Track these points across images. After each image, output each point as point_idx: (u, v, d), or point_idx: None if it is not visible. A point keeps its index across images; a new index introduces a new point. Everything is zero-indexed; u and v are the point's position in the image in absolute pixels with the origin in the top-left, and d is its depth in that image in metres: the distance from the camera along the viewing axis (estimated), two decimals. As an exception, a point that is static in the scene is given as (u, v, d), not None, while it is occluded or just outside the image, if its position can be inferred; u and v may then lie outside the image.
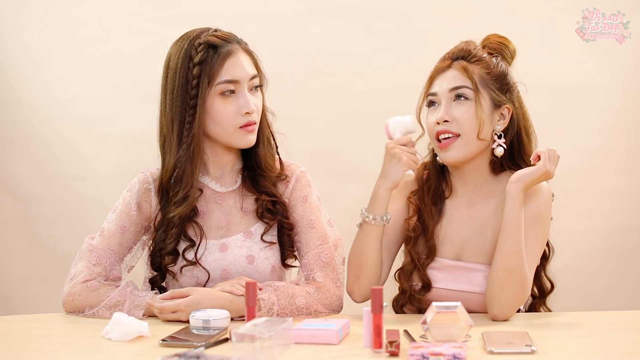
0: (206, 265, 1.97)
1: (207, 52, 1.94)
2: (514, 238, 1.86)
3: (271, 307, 1.87)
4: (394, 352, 1.51)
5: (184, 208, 1.95)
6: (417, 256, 2.00)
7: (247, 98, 1.95)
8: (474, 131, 1.94)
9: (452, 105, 1.95)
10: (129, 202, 2.02)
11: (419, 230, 2.00)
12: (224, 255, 1.98)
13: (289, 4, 2.93)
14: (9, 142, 3.00)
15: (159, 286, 2.03)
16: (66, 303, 1.96)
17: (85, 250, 2.01)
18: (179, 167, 1.95)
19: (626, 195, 2.88)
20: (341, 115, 2.92)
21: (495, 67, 1.98)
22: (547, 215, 1.96)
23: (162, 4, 2.96)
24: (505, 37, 2.05)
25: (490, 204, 2.00)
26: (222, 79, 1.93)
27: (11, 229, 3.01)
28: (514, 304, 1.86)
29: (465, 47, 2.00)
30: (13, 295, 3.02)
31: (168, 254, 1.96)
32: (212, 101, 1.94)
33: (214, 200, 2.03)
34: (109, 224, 2.02)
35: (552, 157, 1.90)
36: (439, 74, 1.99)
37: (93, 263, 1.98)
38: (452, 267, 1.98)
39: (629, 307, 2.71)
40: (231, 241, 2.00)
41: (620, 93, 2.86)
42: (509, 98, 1.99)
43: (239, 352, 1.43)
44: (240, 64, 1.96)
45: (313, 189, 2.08)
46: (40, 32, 2.99)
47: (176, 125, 1.95)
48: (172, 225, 1.96)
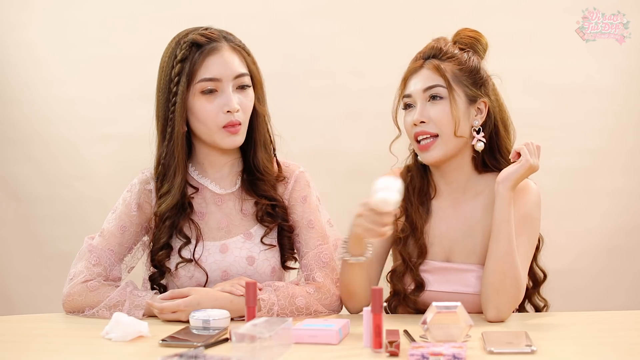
0: (206, 266, 1.97)
1: (190, 50, 1.94)
2: (505, 239, 1.86)
3: (271, 307, 1.87)
4: (394, 352, 1.51)
5: (169, 201, 1.96)
6: (408, 256, 1.99)
7: (229, 96, 1.93)
8: (451, 129, 1.94)
9: (427, 105, 1.96)
10: (129, 202, 2.03)
11: (408, 230, 2.00)
12: (224, 257, 1.98)
13: (289, 4, 2.93)
14: (9, 142, 3.00)
15: (159, 284, 2.03)
16: (66, 303, 1.96)
17: (84, 250, 2.02)
18: (162, 163, 1.98)
19: (626, 195, 2.88)
20: (341, 115, 2.92)
21: (467, 62, 1.98)
22: (537, 216, 1.96)
23: (162, 4, 2.96)
24: (477, 31, 2.04)
25: (477, 204, 2.00)
26: (201, 77, 1.93)
27: (11, 229, 3.01)
28: (509, 306, 1.86)
29: (436, 45, 2.00)
30: (13, 295, 3.02)
31: (160, 249, 1.97)
32: (194, 100, 1.94)
33: (213, 202, 2.03)
34: (109, 225, 2.02)
35: (531, 150, 1.89)
36: (412, 75, 1.99)
37: (93, 263, 1.98)
38: (443, 269, 1.98)
39: (629, 307, 2.71)
40: (231, 243, 2.00)
41: (620, 93, 2.86)
42: (484, 92, 1.99)
43: (239, 352, 1.43)
44: (223, 62, 1.94)
45: (312, 189, 2.08)
46: (40, 32, 2.98)
47: (160, 123, 1.99)
48: (162, 219, 1.97)
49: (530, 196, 1.96)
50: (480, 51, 2.03)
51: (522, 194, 1.94)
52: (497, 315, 1.85)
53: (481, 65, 2.01)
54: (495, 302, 1.85)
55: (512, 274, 1.85)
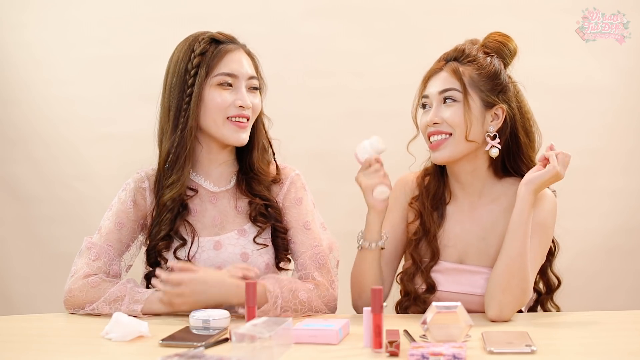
0: (199, 263, 1.99)
1: (210, 45, 2.01)
2: (520, 240, 1.86)
3: (276, 300, 1.87)
4: (394, 352, 1.51)
5: (176, 190, 1.98)
6: (419, 258, 2.00)
7: (243, 93, 2.00)
8: (462, 132, 1.94)
9: (441, 107, 1.96)
10: (124, 199, 2.05)
11: (420, 233, 2.00)
12: (217, 253, 2.01)
13: (289, 4, 2.93)
14: (9, 142, 3.00)
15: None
16: (67, 300, 1.96)
17: (84, 248, 2.03)
18: (172, 152, 1.99)
19: (626, 195, 2.88)
20: (341, 115, 2.92)
21: (487, 67, 1.97)
22: (551, 225, 1.96)
23: (162, 4, 2.96)
24: (507, 36, 2.03)
25: (495, 209, 1.99)
26: (220, 70, 1.99)
27: (11, 229, 3.01)
28: (513, 307, 1.85)
29: (460, 47, 2.00)
30: (13, 295, 3.02)
31: (162, 239, 1.99)
32: (209, 91, 1.99)
33: (208, 200, 2.06)
34: (106, 222, 2.05)
35: (561, 159, 1.88)
36: (432, 76, 2.00)
37: (92, 259, 1.99)
38: (455, 270, 1.98)
39: (629, 307, 2.71)
40: (225, 239, 2.02)
41: (620, 93, 2.86)
42: (503, 98, 1.98)
43: (239, 352, 1.43)
44: (239, 61, 2.02)
45: (308, 193, 2.11)
46: (40, 32, 2.99)
47: (172, 113, 2.01)
48: (165, 209, 2.00)
49: (547, 204, 1.95)
50: (507, 56, 2.01)
51: (540, 200, 1.94)
52: (499, 315, 1.85)
53: (503, 70, 1.99)
54: (499, 301, 1.85)
55: (520, 275, 1.85)
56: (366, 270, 1.96)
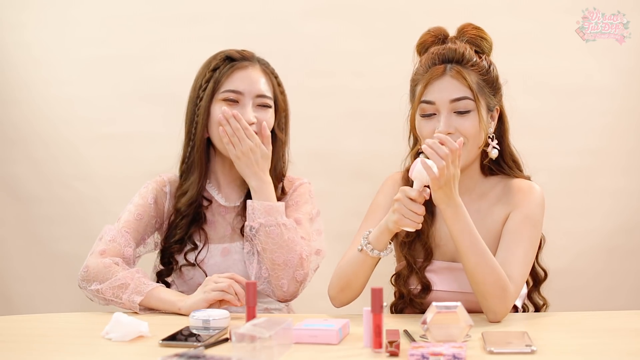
0: (207, 268, 2.08)
1: (223, 62, 2.11)
2: (471, 249, 1.80)
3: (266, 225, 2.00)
4: (394, 352, 1.51)
5: (187, 197, 2.09)
6: (413, 260, 1.99)
7: (247, 109, 2.08)
8: (476, 142, 1.92)
9: (452, 116, 1.90)
10: (145, 195, 2.15)
11: (413, 234, 1.99)
12: (224, 260, 2.09)
13: (289, 4, 2.93)
14: (9, 142, 3.00)
15: (164, 281, 2.12)
16: (81, 275, 2.02)
17: (103, 232, 2.10)
18: (186, 162, 2.13)
19: (626, 195, 2.88)
20: (341, 115, 2.91)
21: (489, 71, 1.96)
22: (540, 218, 1.95)
23: (162, 4, 2.96)
24: (481, 28, 2.01)
25: (483, 205, 2.00)
26: (226, 87, 2.09)
27: (11, 229, 3.01)
28: (501, 307, 1.83)
29: (459, 50, 1.94)
30: (13, 295, 3.02)
31: (175, 242, 2.09)
32: (215, 106, 2.08)
33: (218, 212, 2.15)
34: (125, 214, 2.13)
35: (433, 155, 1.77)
36: (434, 80, 1.92)
37: (108, 239, 2.07)
38: (449, 268, 1.98)
39: (629, 307, 2.71)
40: (232, 247, 2.11)
41: (620, 93, 2.86)
42: (499, 99, 1.99)
43: (239, 352, 1.43)
44: (248, 78, 2.10)
45: (312, 200, 2.17)
46: (40, 32, 2.98)
47: (186, 126, 2.14)
48: (180, 215, 2.10)
49: (534, 197, 1.95)
50: (486, 50, 2.00)
51: (525, 195, 1.93)
52: (494, 317, 1.84)
53: (497, 70, 1.98)
54: (487, 306, 1.84)
55: (490, 279, 1.81)
56: (359, 272, 1.92)
